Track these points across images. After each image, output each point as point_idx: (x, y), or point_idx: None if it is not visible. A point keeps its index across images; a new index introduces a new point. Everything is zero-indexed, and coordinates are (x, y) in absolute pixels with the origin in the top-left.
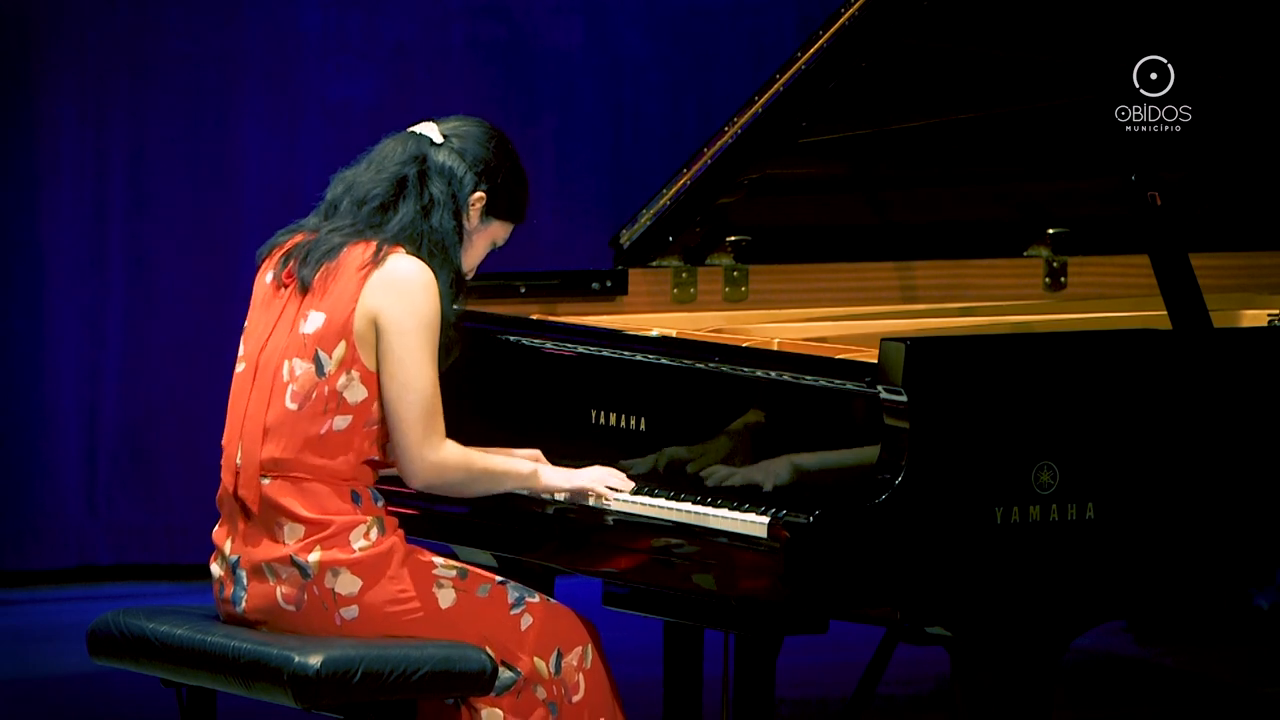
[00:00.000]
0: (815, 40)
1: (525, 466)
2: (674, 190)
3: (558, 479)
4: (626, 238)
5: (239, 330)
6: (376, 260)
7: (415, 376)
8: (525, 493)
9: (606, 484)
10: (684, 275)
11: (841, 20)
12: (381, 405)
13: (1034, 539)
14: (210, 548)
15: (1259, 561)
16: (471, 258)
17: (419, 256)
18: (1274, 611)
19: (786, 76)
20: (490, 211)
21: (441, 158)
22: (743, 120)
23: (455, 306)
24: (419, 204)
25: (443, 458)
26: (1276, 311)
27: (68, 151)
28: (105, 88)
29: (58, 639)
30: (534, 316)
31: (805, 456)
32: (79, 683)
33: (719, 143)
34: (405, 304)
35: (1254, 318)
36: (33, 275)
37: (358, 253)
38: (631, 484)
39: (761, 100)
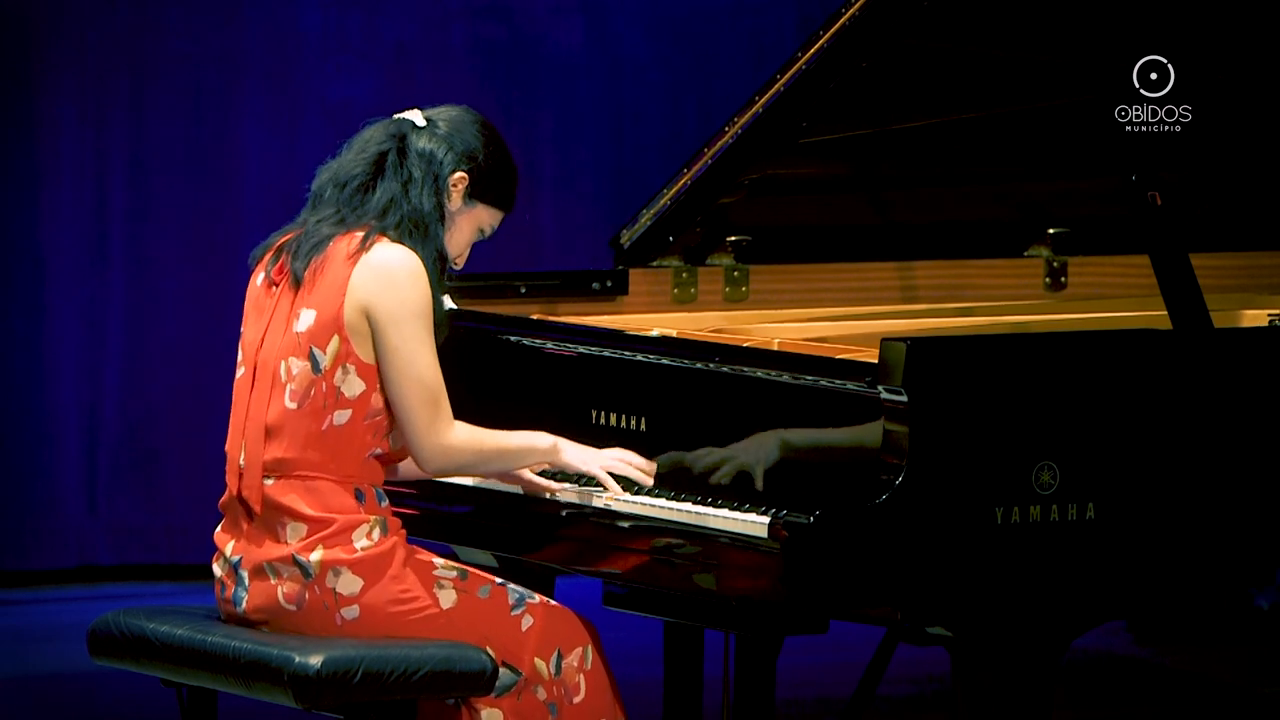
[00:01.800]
0: (816, 40)
1: (544, 441)
2: (674, 190)
3: (578, 457)
4: (627, 238)
5: (239, 330)
6: (363, 248)
7: (413, 364)
8: (543, 470)
9: (629, 464)
10: (684, 275)
11: (842, 20)
12: (382, 397)
13: (1034, 539)
14: (211, 548)
15: (1259, 561)
16: (456, 241)
17: (402, 240)
18: (1274, 611)
19: (787, 77)
20: (474, 194)
21: (423, 141)
22: (743, 120)
23: (444, 299)
24: (398, 181)
25: (451, 441)
26: (1276, 311)
27: (68, 151)
28: (105, 88)
29: (58, 639)
30: (534, 316)
31: (805, 457)
32: (79, 683)
33: (719, 143)
34: (394, 294)
35: (1254, 318)
36: (33, 275)
37: (344, 244)
38: (654, 466)
39: (762, 100)
